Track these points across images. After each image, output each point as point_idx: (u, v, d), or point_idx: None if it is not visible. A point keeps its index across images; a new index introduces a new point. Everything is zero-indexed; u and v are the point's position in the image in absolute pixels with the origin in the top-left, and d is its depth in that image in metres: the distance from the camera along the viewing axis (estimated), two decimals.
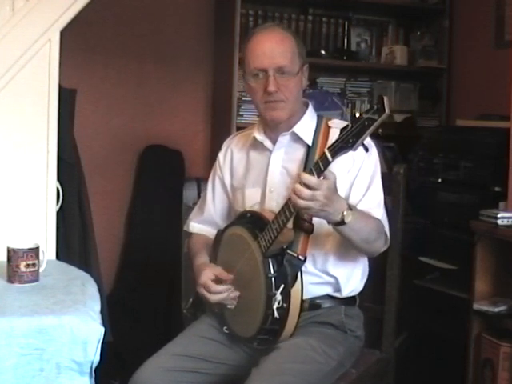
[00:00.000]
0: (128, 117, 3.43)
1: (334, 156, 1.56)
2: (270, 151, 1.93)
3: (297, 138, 1.89)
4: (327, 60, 3.40)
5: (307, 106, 1.94)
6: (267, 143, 1.93)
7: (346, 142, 1.53)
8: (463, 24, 3.46)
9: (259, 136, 1.94)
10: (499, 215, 2.37)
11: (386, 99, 1.49)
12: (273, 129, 1.91)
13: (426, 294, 2.80)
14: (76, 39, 2.95)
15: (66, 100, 2.11)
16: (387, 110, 1.48)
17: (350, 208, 1.68)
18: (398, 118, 3.49)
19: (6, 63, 1.90)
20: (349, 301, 1.91)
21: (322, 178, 1.59)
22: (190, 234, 2.14)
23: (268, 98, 1.82)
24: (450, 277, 2.76)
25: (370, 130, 1.50)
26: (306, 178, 1.58)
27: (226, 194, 2.06)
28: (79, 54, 3.19)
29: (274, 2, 3.45)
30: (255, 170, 1.96)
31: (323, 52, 3.42)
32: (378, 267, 1.97)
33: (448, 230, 2.79)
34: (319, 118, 1.92)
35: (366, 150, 1.59)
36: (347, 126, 1.54)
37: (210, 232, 2.09)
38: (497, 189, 2.61)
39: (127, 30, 3.38)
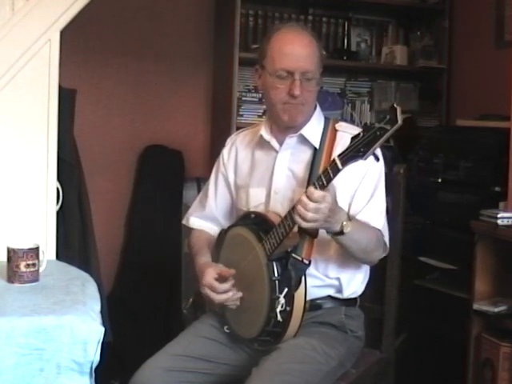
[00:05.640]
0: (128, 117, 3.43)
1: (344, 164, 1.56)
2: (277, 152, 1.92)
3: (304, 140, 1.88)
4: (327, 60, 3.35)
5: (315, 108, 1.93)
6: (274, 143, 1.92)
7: (357, 151, 1.53)
8: (463, 24, 3.46)
9: (266, 135, 1.93)
10: (499, 215, 2.36)
11: (398, 109, 1.47)
12: (281, 129, 1.90)
13: (426, 294, 2.80)
14: (76, 39, 2.95)
15: (66, 100, 2.11)
16: (400, 121, 1.46)
17: (349, 218, 1.69)
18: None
19: (6, 63, 1.90)
20: (349, 302, 1.91)
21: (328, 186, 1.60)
22: (190, 230, 2.12)
23: (290, 100, 1.81)
24: (449, 277, 2.76)
25: (382, 140, 1.49)
26: (310, 191, 1.58)
27: (229, 192, 2.04)
28: (79, 54, 3.18)
29: (274, 2, 3.44)
30: (260, 170, 1.95)
31: (323, 52, 3.41)
32: (378, 267, 1.97)
33: (448, 230, 2.79)
34: (326, 121, 1.91)
35: (377, 159, 1.59)
36: (358, 134, 1.53)
37: (210, 228, 2.08)
38: (497, 189, 2.60)
39: (127, 29, 3.38)
